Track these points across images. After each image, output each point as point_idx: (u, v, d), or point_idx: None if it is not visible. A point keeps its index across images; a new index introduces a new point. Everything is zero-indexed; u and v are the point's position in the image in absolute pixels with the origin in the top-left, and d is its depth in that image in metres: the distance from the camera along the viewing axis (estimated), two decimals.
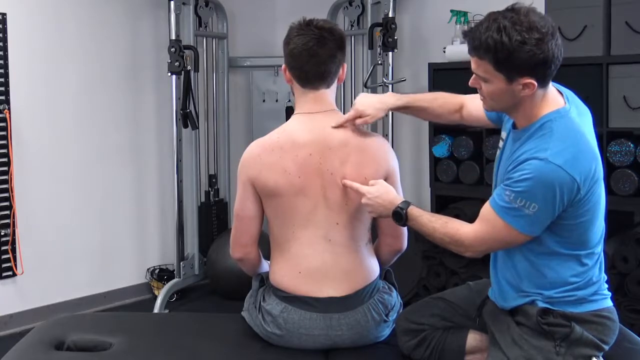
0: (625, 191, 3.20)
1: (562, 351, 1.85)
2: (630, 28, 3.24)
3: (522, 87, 1.79)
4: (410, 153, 4.47)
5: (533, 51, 1.73)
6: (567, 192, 1.75)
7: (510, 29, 1.73)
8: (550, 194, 1.75)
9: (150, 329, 2.39)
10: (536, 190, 1.75)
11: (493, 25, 1.75)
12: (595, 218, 1.85)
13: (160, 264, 4.53)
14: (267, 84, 4.92)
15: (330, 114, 2.17)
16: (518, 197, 1.77)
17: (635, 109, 3.22)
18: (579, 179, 1.75)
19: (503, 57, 1.75)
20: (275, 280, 2.18)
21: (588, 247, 1.87)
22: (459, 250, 1.94)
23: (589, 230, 1.85)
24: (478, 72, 1.83)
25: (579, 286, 1.87)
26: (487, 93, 1.86)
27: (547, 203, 1.76)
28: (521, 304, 1.92)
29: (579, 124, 1.84)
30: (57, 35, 3.98)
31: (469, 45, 1.83)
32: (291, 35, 2.14)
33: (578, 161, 1.76)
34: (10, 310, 3.83)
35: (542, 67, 1.77)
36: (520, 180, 1.77)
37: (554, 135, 1.79)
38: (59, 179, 4.02)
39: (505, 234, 1.83)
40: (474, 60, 1.82)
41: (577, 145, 1.78)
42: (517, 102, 1.84)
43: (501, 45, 1.73)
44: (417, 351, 2.11)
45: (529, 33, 1.73)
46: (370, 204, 2.05)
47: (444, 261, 3.82)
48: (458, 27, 3.95)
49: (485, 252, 1.95)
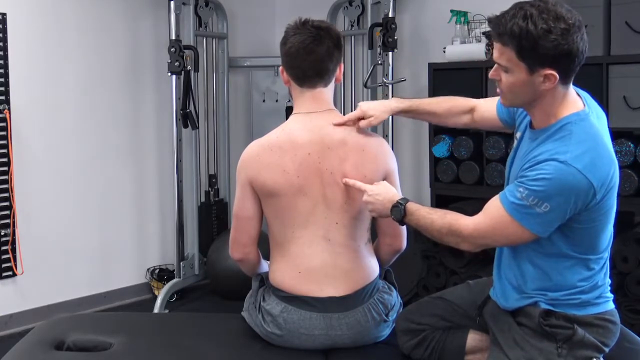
0: (625, 191, 3.20)
1: (564, 353, 1.85)
2: (630, 28, 3.24)
3: (542, 79, 1.76)
4: (410, 153, 4.47)
5: (558, 41, 1.72)
6: (583, 196, 1.74)
7: (537, 17, 1.72)
8: (564, 197, 1.73)
9: (150, 329, 2.39)
10: (551, 191, 1.73)
11: (520, 13, 1.74)
12: (607, 223, 1.84)
13: (160, 264, 4.53)
14: (267, 84, 4.92)
15: (328, 114, 2.17)
16: (531, 195, 1.75)
17: (635, 109, 3.23)
18: (596, 185, 1.74)
19: (528, 45, 1.73)
20: (275, 280, 2.18)
21: (597, 252, 1.86)
22: (456, 241, 1.90)
23: (600, 235, 1.84)
24: (500, 60, 1.80)
25: (584, 290, 1.86)
26: (506, 85, 1.83)
27: (559, 205, 1.74)
28: (523, 305, 1.91)
29: (598, 128, 1.82)
30: (57, 35, 3.98)
31: (493, 31, 1.81)
32: (288, 35, 2.14)
33: (596, 166, 1.74)
34: (10, 310, 3.83)
35: (566, 59, 1.75)
36: (537, 179, 1.75)
37: (573, 138, 1.77)
38: (59, 179, 4.02)
39: (510, 231, 1.81)
40: (498, 47, 1.80)
41: (597, 149, 1.76)
42: (537, 97, 1.81)
43: (526, 32, 1.72)
44: (417, 351, 2.11)
45: (555, 22, 1.72)
46: (371, 201, 2.05)
47: (444, 261, 3.82)
48: (458, 27, 3.95)
49: (482, 246, 1.92)
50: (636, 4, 3.24)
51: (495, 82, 1.87)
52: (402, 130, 4.47)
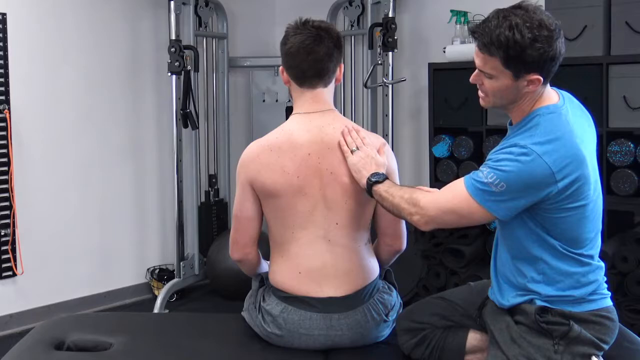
0: (625, 191, 3.20)
1: (561, 349, 1.86)
2: (630, 28, 3.24)
3: (527, 83, 1.82)
4: (410, 153, 4.47)
5: (544, 48, 1.77)
6: (542, 181, 1.77)
7: (522, 26, 1.76)
8: (522, 180, 1.77)
9: (150, 329, 2.39)
10: (509, 172, 1.78)
11: (504, 23, 1.78)
12: (585, 218, 1.85)
13: (160, 264, 4.53)
14: (267, 84, 4.92)
15: (328, 114, 2.17)
16: (490, 173, 1.80)
17: (635, 109, 3.22)
18: (556, 171, 1.77)
19: (514, 54, 1.77)
20: (275, 281, 2.18)
21: (582, 246, 1.87)
22: (411, 211, 1.91)
23: (580, 229, 1.86)
24: (484, 69, 1.85)
25: (576, 286, 1.87)
26: (490, 89, 1.88)
27: (515, 186, 1.78)
28: (520, 302, 1.92)
29: (569, 122, 1.85)
30: (57, 35, 3.98)
31: (478, 41, 1.84)
32: (288, 35, 2.14)
33: (558, 154, 1.78)
34: (10, 310, 3.83)
35: (550, 64, 1.81)
36: (498, 160, 1.81)
37: (539, 128, 1.82)
38: (59, 179, 4.02)
39: (464, 206, 1.84)
40: (483, 57, 1.84)
41: (561, 140, 1.79)
42: (518, 98, 1.87)
43: (514, 42, 1.76)
44: (417, 350, 2.11)
45: (540, 31, 1.77)
46: (360, 156, 2.07)
47: (444, 261, 3.82)
48: (458, 27, 3.95)
49: (435, 220, 1.90)
50: (636, 4, 3.24)
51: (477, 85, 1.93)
52: (402, 130, 4.47)
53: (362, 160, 2.07)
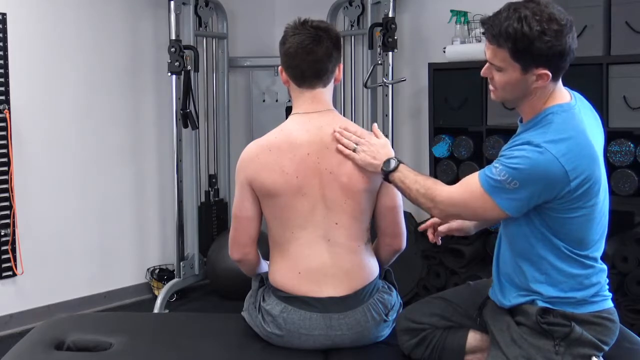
0: (625, 191, 3.20)
1: (562, 350, 1.86)
2: (630, 28, 3.24)
3: (535, 77, 1.82)
4: (410, 153, 4.46)
5: (552, 42, 1.77)
6: (555, 181, 1.77)
7: (531, 18, 1.77)
8: (534, 178, 1.77)
9: (150, 329, 2.39)
10: (523, 170, 1.78)
11: (514, 15, 1.79)
12: (592, 219, 1.85)
13: (160, 264, 4.53)
14: (267, 84, 4.92)
15: (327, 114, 2.17)
16: (504, 170, 1.80)
17: (635, 109, 3.22)
18: (570, 171, 1.77)
19: (522, 47, 1.78)
20: (275, 281, 2.18)
21: (586, 248, 1.87)
22: (428, 206, 1.97)
23: (587, 230, 1.86)
24: (494, 61, 1.85)
25: (579, 288, 1.87)
26: (499, 83, 1.88)
27: (528, 184, 1.78)
28: (521, 302, 1.92)
29: (582, 121, 1.85)
30: (57, 35, 3.98)
31: (487, 33, 1.85)
32: (287, 35, 2.14)
33: (573, 154, 1.77)
34: (10, 310, 3.83)
35: (558, 59, 1.80)
36: (511, 157, 1.81)
37: (553, 127, 1.82)
38: (59, 179, 4.02)
39: (480, 203, 1.86)
40: (492, 48, 1.85)
41: (575, 139, 1.79)
42: (528, 94, 1.86)
43: (521, 34, 1.77)
44: (417, 350, 2.11)
45: (549, 24, 1.77)
46: (364, 149, 2.07)
47: (444, 261, 3.82)
48: (458, 27, 3.95)
49: (451, 215, 2.02)
50: (636, 4, 3.24)
51: (488, 79, 1.92)
52: (402, 130, 4.47)
53: (367, 154, 2.08)
